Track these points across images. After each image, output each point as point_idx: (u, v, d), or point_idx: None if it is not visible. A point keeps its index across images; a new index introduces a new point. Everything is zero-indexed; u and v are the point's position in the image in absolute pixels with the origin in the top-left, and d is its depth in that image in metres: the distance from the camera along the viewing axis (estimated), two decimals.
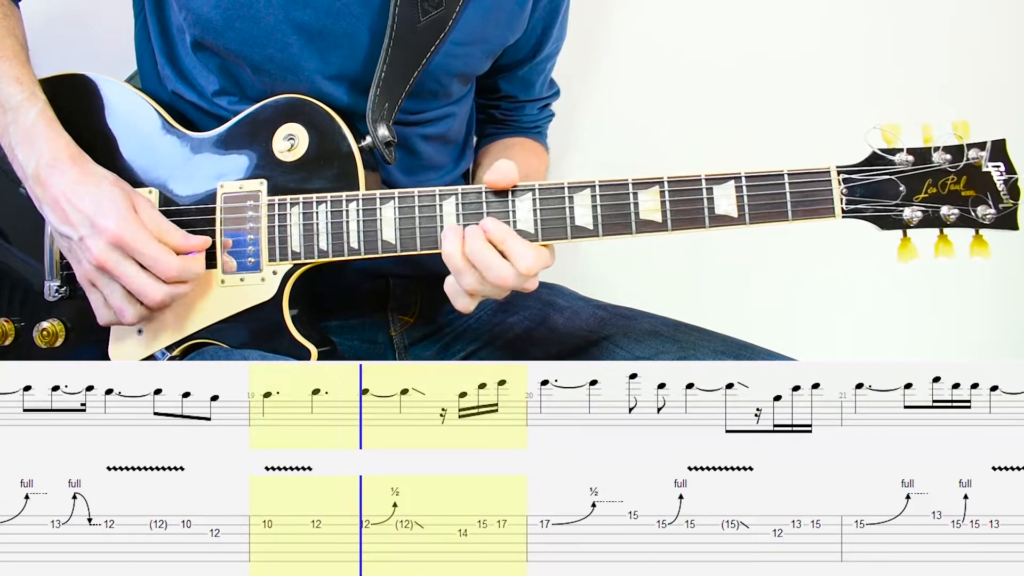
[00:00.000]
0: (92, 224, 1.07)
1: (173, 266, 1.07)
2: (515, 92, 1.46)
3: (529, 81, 1.44)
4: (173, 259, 1.08)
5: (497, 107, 1.48)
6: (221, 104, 1.22)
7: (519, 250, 1.04)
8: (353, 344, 1.30)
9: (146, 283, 1.07)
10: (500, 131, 1.48)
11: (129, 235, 1.06)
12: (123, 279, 1.07)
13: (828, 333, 1.80)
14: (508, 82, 1.44)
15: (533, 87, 1.46)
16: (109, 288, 1.09)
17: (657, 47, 1.73)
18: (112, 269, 1.07)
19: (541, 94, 1.48)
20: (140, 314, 1.10)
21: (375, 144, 1.16)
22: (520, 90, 1.45)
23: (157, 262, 1.07)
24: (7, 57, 1.16)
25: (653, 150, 1.73)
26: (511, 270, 1.03)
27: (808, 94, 1.73)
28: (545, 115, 1.52)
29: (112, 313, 1.11)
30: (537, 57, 1.41)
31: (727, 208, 1.05)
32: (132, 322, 1.11)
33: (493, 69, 1.38)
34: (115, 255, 1.07)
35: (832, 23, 1.74)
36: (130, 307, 1.09)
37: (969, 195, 1.01)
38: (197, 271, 1.11)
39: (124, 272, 1.07)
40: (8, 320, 1.21)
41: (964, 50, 1.74)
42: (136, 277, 1.07)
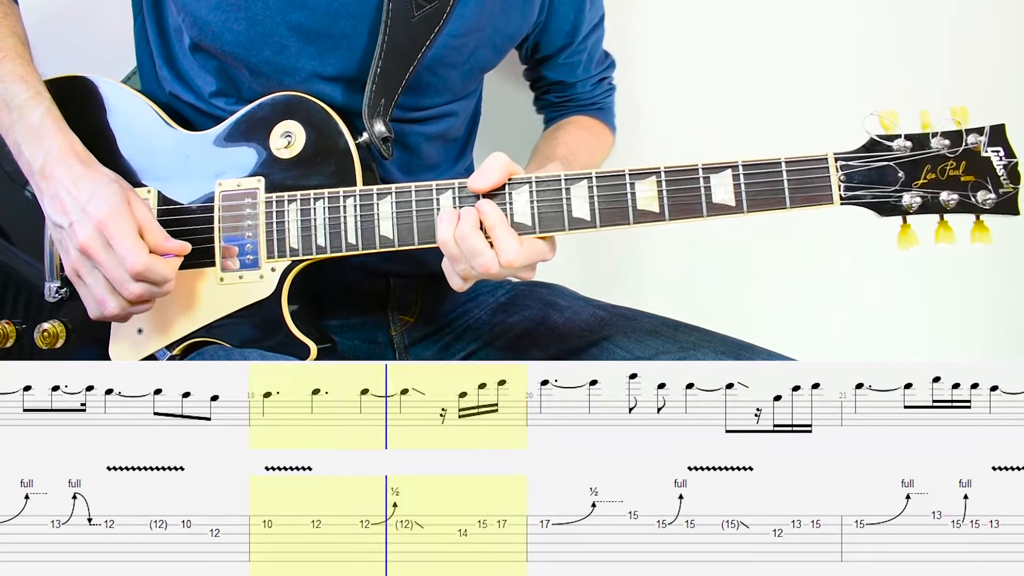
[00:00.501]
0: (83, 210, 1.07)
1: (139, 261, 1.06)
2: (562, 77, 1.46)
3: (573, 64, 1.44)
4: (141, 254, 1.06)
5: (550, 92, 1.49)
6: (218, 105, 1.22)
7: (504, 241, 1.04)
8: (353, 344, 1.30)
9: (123, 274, 1.07)
10: (560, 113, 1.49)
11: (112, 221, 1.06)
12: (103, 267, 1.07)
13: (828, 333, 1.80)
14: (552, 70, 1.45)
15: (578, 69, 1.46)
16: (93, 277, 1.09)
17: (653, 37, 1.72)
18: (94, 255, 1.06)
19: (589, 72, 1.48)
20: (122, 306, 1.09)
21: (372, 140, 1.16)
22: (566, 74, 1.46)
23: (126, 253, 1.06)
24: (10, 56, 1.16)
25: (650, 140, 1.72)
26: (494, 259, 1.04)
27: (806, 83, 1.72)
28: (603, 89, 1.51)
29: (97, 306, 1.11)
30: (575, 42, 1.41)
31: (725, 197, 1.04)
32: (115, 314, 1.10)
33: (536, 60, 1.38)
34: (99, 241, 1.06)
35: (829, 12, 1.74)
36: (112, 298, 1.08)
37: (968, 180, 1.01)
38: (165, 274, 1.08)
39: (104, 260, 1.07)
40: (9, 322, 1.21)
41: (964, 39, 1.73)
42: (114, 267, 1.07)
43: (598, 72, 1.49)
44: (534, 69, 1.45)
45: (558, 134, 1.42)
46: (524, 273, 1.08)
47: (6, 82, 1.14)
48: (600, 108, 1.51)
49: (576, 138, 1.41)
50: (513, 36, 1.31)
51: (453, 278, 1.09)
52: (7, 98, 1.13)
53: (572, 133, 1.42)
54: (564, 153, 1.31)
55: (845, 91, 1.72)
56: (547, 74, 1.45)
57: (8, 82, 1.14)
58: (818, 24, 1.74)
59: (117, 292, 1.08)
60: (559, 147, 1.35)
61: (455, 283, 1.09)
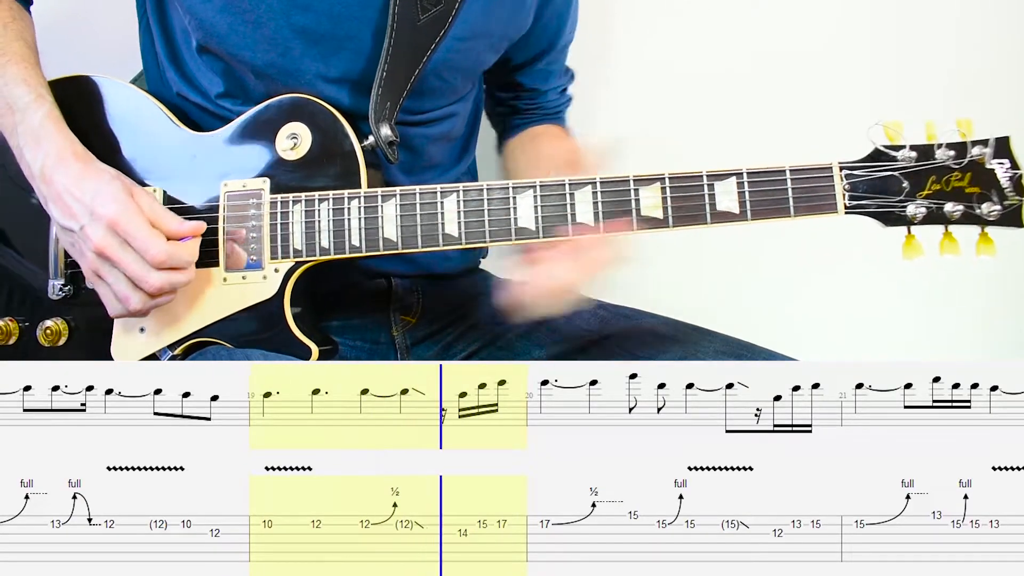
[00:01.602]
0: (91, 212, 1.08)
1: (161, 250, 1.07)
2: (537, 84, 1.46)
3: (549, 71, 1.44)
4: (161, 243, 1.07)
5: (520, 98, 1.48)
6: (225, 106, 1.23)
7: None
8: (355, 344, 1.30)
9: (143, 268, 1.07)
10: (525, 121, 1.48)
11: (124, 218, 1.07)
12: (121, 264, 1.07)
13: (829, 333, 1.80)
14: (528, 76, 1.44)
15: (552, 76, 1.46)
16: (113, 276, 1.09)
17: (658, 44, 1.72)
18: (112, 255, 1.07)
19: (561, 82, 1.48)
20: (144, 301, 1.09)
21: (378, 143, 1.16)
22: (541, 81, 1.45)
23: (146, 246, 1.07)
24: (15, 60, 1.17)
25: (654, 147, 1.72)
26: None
27: (812, 93, 1.73)
28: (565, 99, 1.52)
29: (120, 304, 1.11)
30: (555, 47, 1.41)
31: (729, 204, 1.04)
32: (139, 309, 1.10)
33: (512, 67, 1.38)
34: (114, 240, 1.07)
35: (836, 22, 1.73)
36: (134, 294, 1.09)
37: (973, 192, 1.01)
38: (187, 258, 1.10)
39: (122, 258, 1.07)
40: (12, 319, 1.21)
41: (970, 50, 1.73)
42: (133, 263, 1.07)
43: (563, 82, 1.50)
44: (506, 75, 1.43)
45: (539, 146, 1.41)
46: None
47: (9, 85, 1.15)
48: (560, 116, 1.51)
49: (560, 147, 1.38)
50: (512, 38, 1.31)
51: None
52: (10, 101, 1.14)
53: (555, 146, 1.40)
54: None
55: (851, 101, 1.72)
56: (522, 80, 1.44)
57: (12, 85, 1.15)
58: (824, 34, 1.74)
59: (138, 287, 1.08)
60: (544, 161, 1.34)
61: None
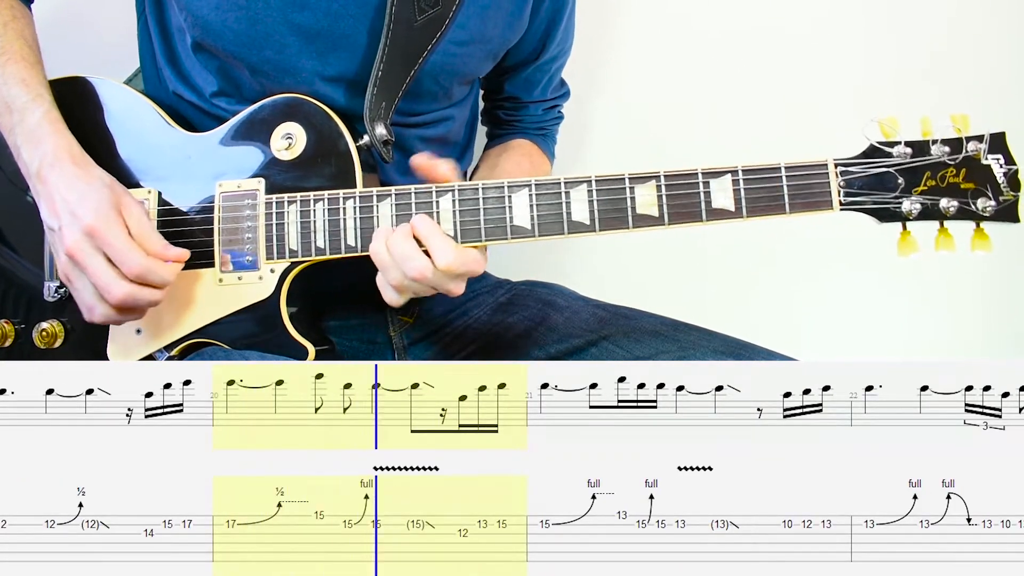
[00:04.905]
0: (72, 213, 1.07)
1: (137, 263, 1.06)
2: (518, 93, 1.45)
3: (533, 82, 1.44)
4: (138, 256, 1.07)
5: (502, 107, 1.48)
6: (220, 105, 1.22)
7: (440, 247, 1.06)
8: (352, 344, 1.30)
9: (110, 279, 1.06)
10: (504, 133, 1.48)
11: (103, 227, 1.06)
12: (88, 270, 1.07)
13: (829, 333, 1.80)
14: (511, 83, 1.44)
15: (536, 88, 1.45)
16: (81, 282, 1.09)
17: (653, 43, 1.73)
18: (80, 259, 1.07)
19: (545, 95, 1.48)
20: (107, 313, 1.09)
21: (372, 143, 1.16)
22: (523, 91, 1.45)
23: (123, 256, 1.06)
24: (14, 59, 1.17)
25: (650, 145, 1.73)
26: (429, 265, 1.05)
27: (807, 89, 1.73)
28: (552, 116, 1.51)
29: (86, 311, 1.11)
30: (540, 59, 1.40)
31: (724, 202, 1.05)
32: (101, 321, 1.10)
33: (498, 70, 1.37)
34: (87, 246, 1.07)
35: (831, 18, 1.74)
36: (99, 304, 1.09)
37: (968, 188, 1.01)
38: (164, 276, 1.09)
39: (90, 264, 1.07)
40: (8, 322, 1.21)
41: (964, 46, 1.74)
42: (101, 271, 1.06)
43: (553, 98, 1.49)
44: (495, 78, 1.43)
45: (500, 161, 1.41)
46: (454, 286, 1.09)
47: (8, 85, 1.15)
48: (545, 135, 1.50)
49: (517, 165, 1.40)
50: (506, 43, 1.31)
51: (386, 290, 1.10)
52: (8, 101, 1.14)
53: (514, 161, 1.41)
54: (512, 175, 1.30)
55: (846, 97, 1.72)
56: (506, 86, 1.44)
57: (10, 85, 1.15)
58: (819, 30, 1.74)
59: (103, 298, 1.08)
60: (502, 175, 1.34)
61: (388, 296, 1.10)
